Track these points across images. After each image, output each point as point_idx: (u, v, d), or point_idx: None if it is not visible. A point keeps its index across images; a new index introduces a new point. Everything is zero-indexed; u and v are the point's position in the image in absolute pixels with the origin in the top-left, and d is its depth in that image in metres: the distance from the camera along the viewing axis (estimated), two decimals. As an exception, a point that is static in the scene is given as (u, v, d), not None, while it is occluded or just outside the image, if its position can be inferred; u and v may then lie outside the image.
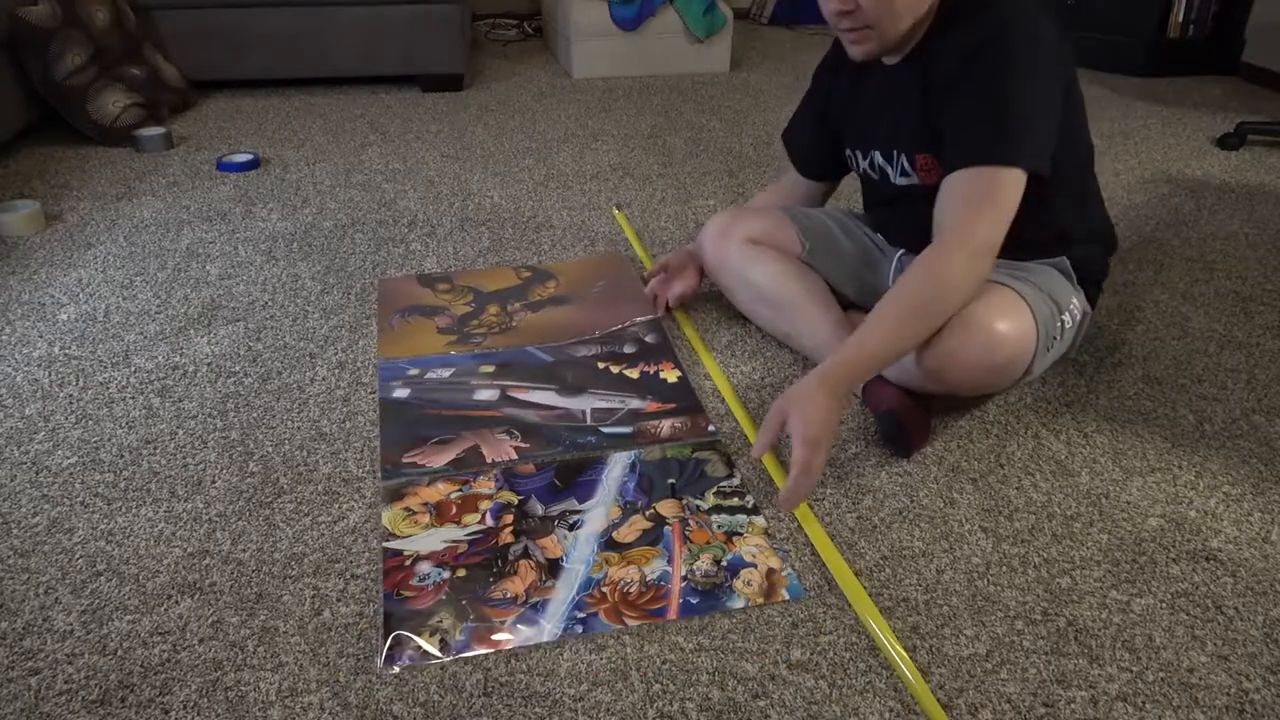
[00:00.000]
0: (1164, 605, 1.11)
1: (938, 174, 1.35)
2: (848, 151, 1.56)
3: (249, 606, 1.09)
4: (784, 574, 1.13)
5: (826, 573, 1.14)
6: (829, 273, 1.61)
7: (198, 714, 0.95)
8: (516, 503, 1.24)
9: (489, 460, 1.33)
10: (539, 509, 1.23)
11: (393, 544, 1.17)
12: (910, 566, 1.16)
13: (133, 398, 1.49)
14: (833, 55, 1.55)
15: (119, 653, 1.02)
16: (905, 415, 1.35)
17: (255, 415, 1.44)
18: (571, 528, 1.20)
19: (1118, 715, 0.97)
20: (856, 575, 1.14)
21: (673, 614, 1.07)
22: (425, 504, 1.24)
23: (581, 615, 1.07)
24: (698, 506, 1.24)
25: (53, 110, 2.65)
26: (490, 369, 1.55)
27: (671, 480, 1.29)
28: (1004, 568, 1.16)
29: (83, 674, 1.00)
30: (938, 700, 0.98)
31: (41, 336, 1.67)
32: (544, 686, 0.99)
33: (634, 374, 1.55)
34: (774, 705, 0.97)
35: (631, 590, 1.10)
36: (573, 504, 1.24)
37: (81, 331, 1.69)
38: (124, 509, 1.24)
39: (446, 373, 1.53)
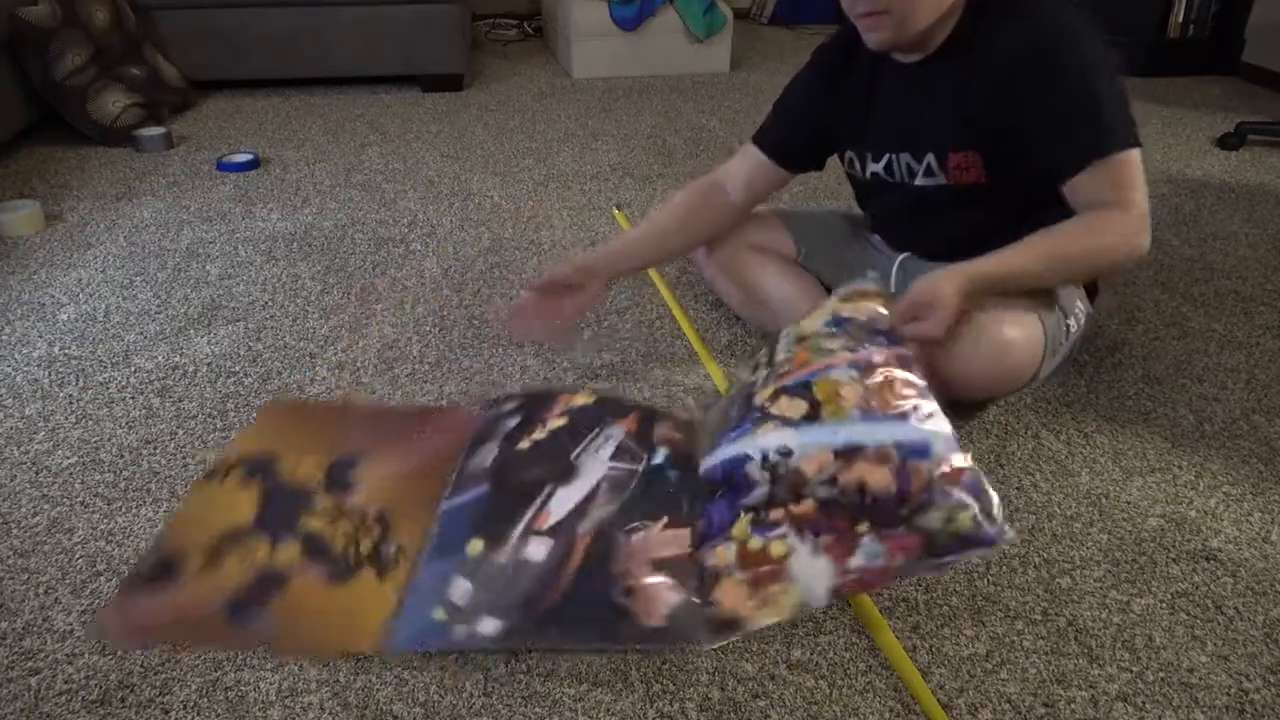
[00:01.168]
0: (1164, 605, 1.11)
1: (978, 171, 1.33)
2: (848, 154, 1.51)
3: (249, 606, 1.08)
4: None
5: (826, 573, 1.14)
6: (825, 276, 1.60)
7: (198, 714, 0.95)
8: None
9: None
10: None
11: None
12: (910, 566, 1.16)
13: (133, 398, 1.49)
14: (838, 58, 1.47)
15: (119, 653, 1.02)
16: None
17: (255, 415, 1.44)
18: None
19: (1118, 715, 0.97)
20: (856, 575, 1.14)
21: None
22: None
23: None
24: None
25: (53, 110, 2.65)
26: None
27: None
28: (1004, 568, 1.16)
29: (83, 674, 0.99)
30: (938, 700, 0.98)
31: (41, 336, 1.67)
32: (544, 686, 0.99)
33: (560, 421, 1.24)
34: (774, 705, 0.97)
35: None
36: None
37: (81, 331, 1.69)
38: (124, 509, 1.24)
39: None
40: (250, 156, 2.54)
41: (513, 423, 1.26)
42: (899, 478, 0.98)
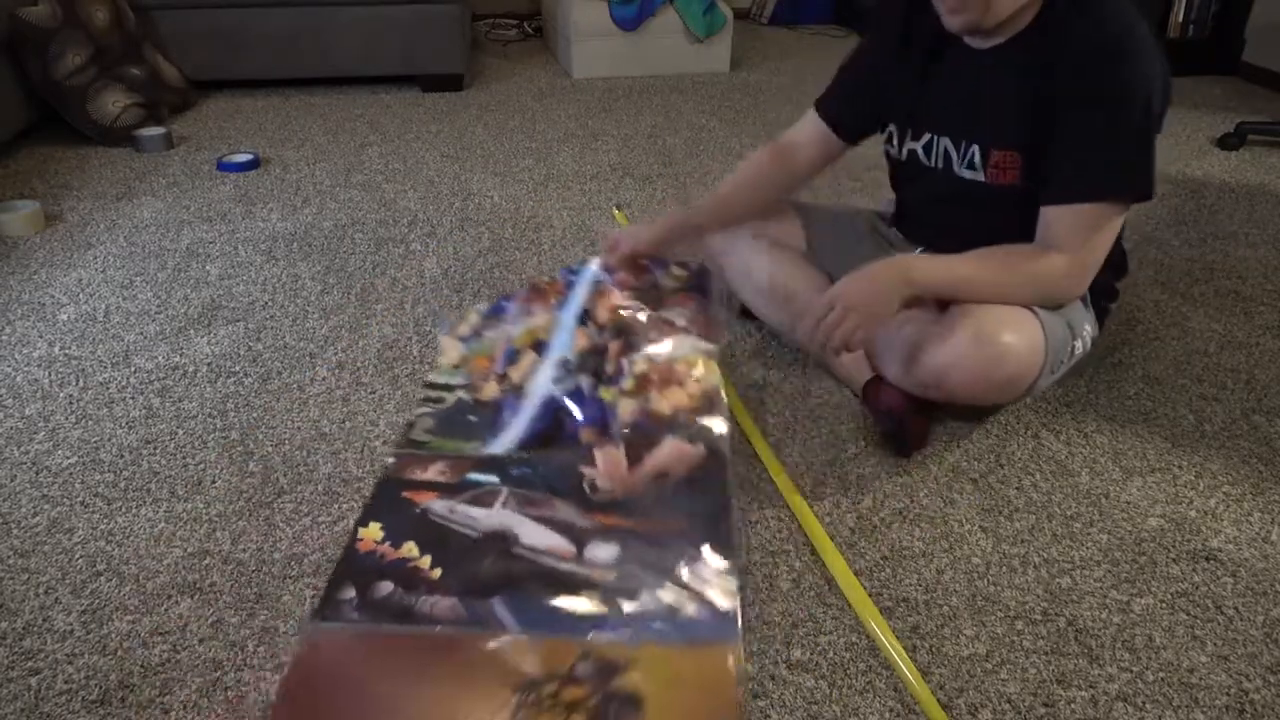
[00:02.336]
0: (1164, 605, 1.11)
1: (1014, 174, 1.31)
2: (890, 128, 1.48)
3: (249, 606, 1.09)
4: None
5: (826, 573, 1.14)
6: (834, 271, 1.58)
7: (198, 714, 0.95)
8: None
9: None
10: None
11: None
12: (910, 566, 1.16)
13: (133, 398, 1.49)
14: (902, 27, 1.41)
15: (119, 653, 1.02)
16: (905, 415, 1.35)
17: (255, 415, 1.44)
18: None
19: (1118, 715, 0.97)
20: (856, 575, 1.14)
21: None
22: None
23: None
24: None
25: (53, 110, 2.65)
26: None
27: None
28: (1004, 568, 1.16)
29: (83, 674, 1.00)
30: (938, 700, 0.98)
31: (41, 336, 1.67)
32: (544, 686, 0.99)
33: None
34: (774, 705, 0.97)
35: None
36: None
37: (81, 331, 1.69)
38: (124, 509, 1.24)
39: None
40: (250, 156, 2.54)
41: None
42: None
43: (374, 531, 1.20)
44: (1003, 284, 1.28)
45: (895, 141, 1.48)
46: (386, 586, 1.13)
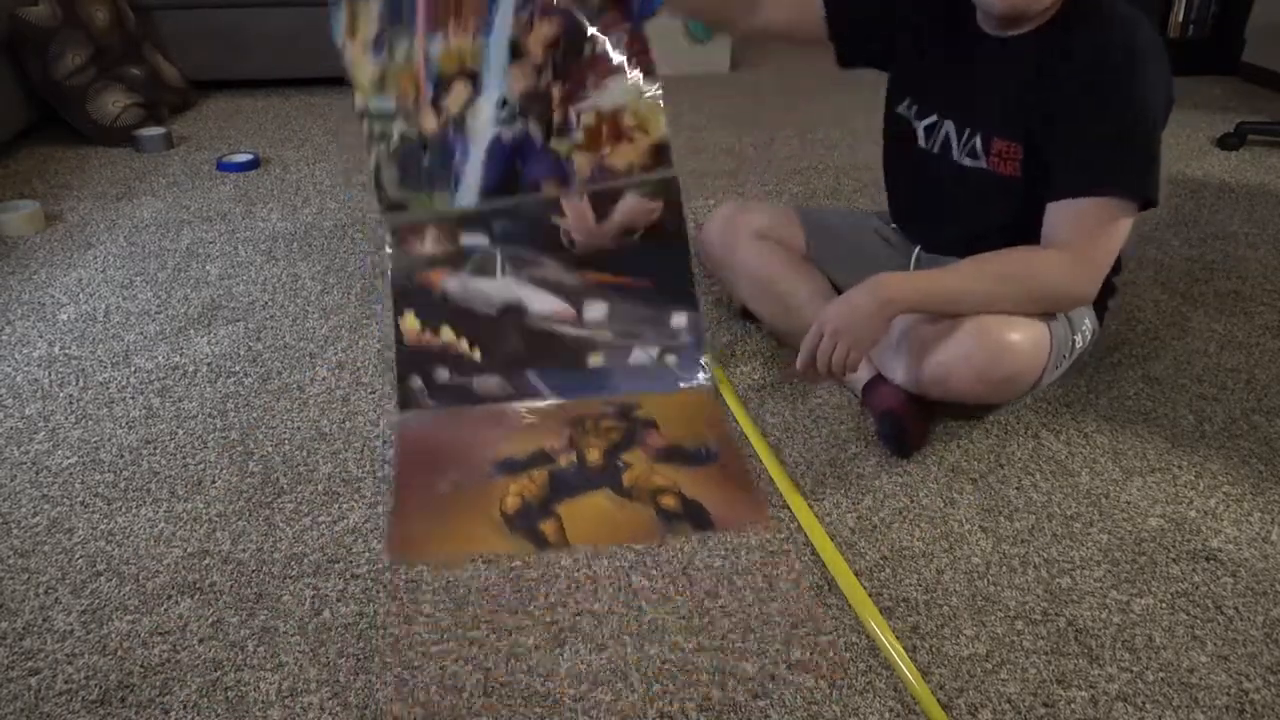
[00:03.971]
0: (1164, 605, 1.11)
1: (1014, 165, 1.31)
2: (906, 102, 1.47)
3: (249, 606, 1.09)
4: None
5: (826, 573, 1.14)
6: (833, 272, 1.58)
7: (198, 714, 0.95)
8: None
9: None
10: None
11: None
12: (910, 566, 1.16)
13: (133, 398, 1.49)
14: (940, 4, 1.40)
15: (119, 653, 1.02)
16: (904, 415, 1.35)
17: (255, 415, 1.44)
18: None
19: (1118, 715, 0.97)
20: (856, 575, 1.14)
21: None
22: None
23: None
24: None
25: (53, 110, 2.65)
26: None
27: None
28: (1004, 568, 1.16)
29: (83, 674, 1.00)
30: (938, 700, 0.98)
31: (41, 336, 1.67)
32: (544, 686, 0.99)
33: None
34: (774, 705, 0.97)
35: None
36: None
37: (81, 331, 1.69)
38: (124, 509, 1.24)
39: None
40: (250, 156, 2.54)
41: None
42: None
43: (412, 321, 1.47)
44: (998, 294, 1.26)
45: (908, 119, 1.46)
46: (444, 373, 1.47)
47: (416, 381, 1.46)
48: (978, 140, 1.35)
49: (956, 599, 1.11)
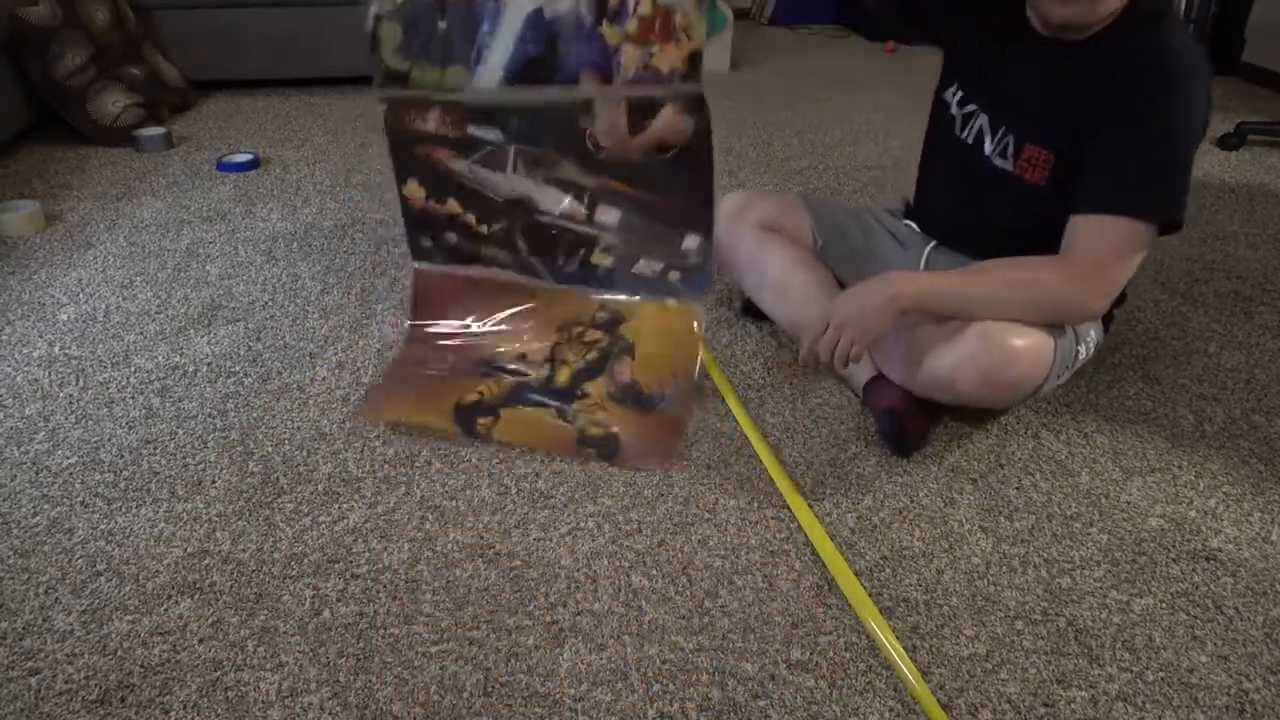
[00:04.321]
0: (1164, 605, 1.11)
1: (1042, 173, 1.30)
2: (954, 87, 1.44)
3: (249, 606, 1.09)
4: None
5: (826, 573, 1.14)
6: (840, 268, 1.57)
7: (198, 714, 0.95)
8: None
9: None
10: None
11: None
12: (910, 566, 1.16)
13: (133, 398, 1.49)
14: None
15: (119, 653, 1.02)
16: (905, 415, 1.35)
17: (255, 415, 1.44)
18: None
19: (1118, 715, 0.97)
20: (856, 575, 1.14)
21: None
22: None
23: None
24: None
25: (53, 110, 2.65)
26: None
27: None
28: (1004, 568, 1.16)
29: (83, 674, 1.00)
30: (938, 700, 0.98)
31: (41, 336, 1.67)
32: (544, 686, 0.99)
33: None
34: (774, 705, 0.97)
35: None
36: None
37: (81, 331, 1.69)
38: (124, 509, 1.24)
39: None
40: (250, 156, 2.54)
41: None
42: None
43: (415, 189, 1.44)
44: (1007, 301, 1.25)
45: (951, 105, 1.45)
46: (452, 237, 1.48)
47: (426, 241, 1.48)
48: (1010, 142, 1.35)
49: (956, 599, 1.11)
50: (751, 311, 1.73)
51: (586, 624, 1.07)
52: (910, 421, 1.35)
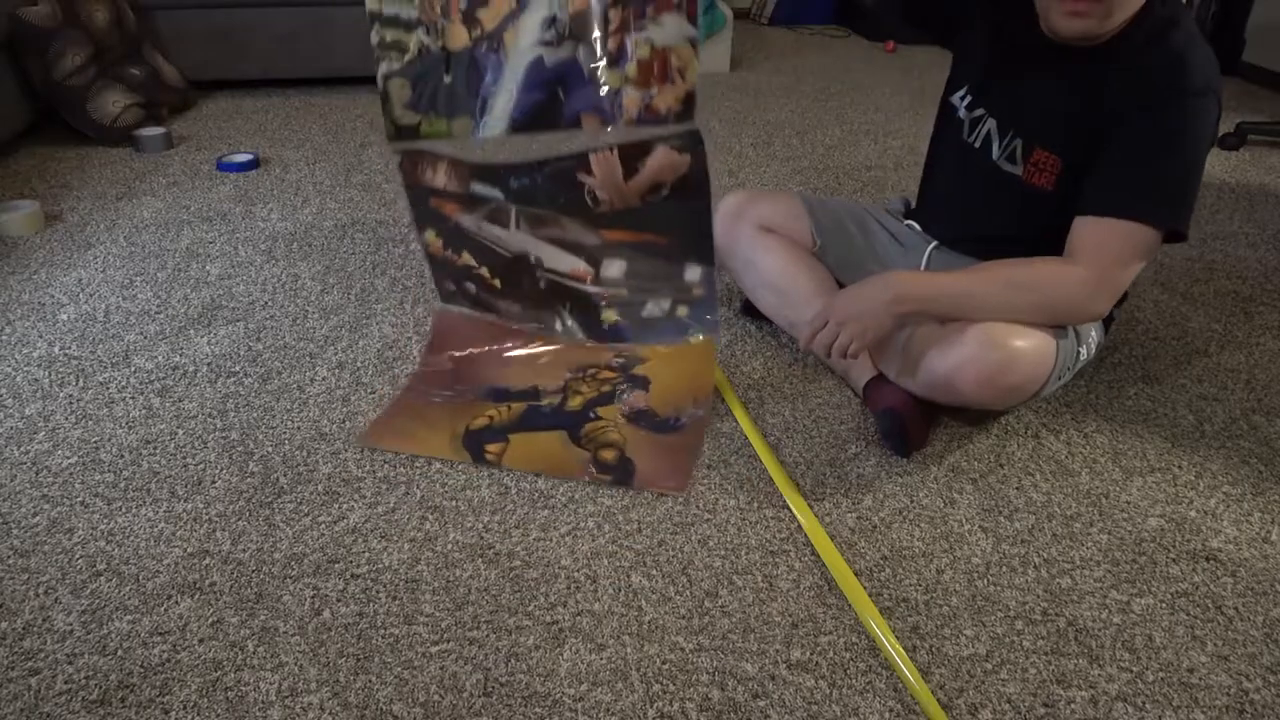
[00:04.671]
0: (1164, 605, 1.11)
1: (1050, 178, 1.31)
2: (962, 91, 1.44)
3: (249, 606, 1.09)
4: None
5: (826, 573, 1.14)
6: (839, 268, 1.57)
7: (198, 714, 0.95)
8: None
9: None
10: None
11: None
12: (910, 566, 1.16)
13: (133, 398, 1.49)
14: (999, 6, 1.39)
15: (119, 653, 1.02)
16: (905, 414, 1.35)
17: (255, 415, 1.44)
18: None
19: (1118, 715, 0.97)
20: (856, 575, 1.14)
21: None
22: None
23: None
24: None
25: (53, 110, 2.65)
26: None
27: None
28: (1004, 568, 1.16)
29: (83, 674, 1.00)
30: (938, 700, 0.98)
31: (41, 336, 1.67)
32: (544, 686, 0.99)
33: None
34: (774, 705, 0.97)
35: None
36: None
37: (81, 331, 1.69)
38: (124, 509, 1.24)
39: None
40: (250, 156, 2.54)
41: None
42: None
43: (433, 238, 1.48)
44: (1009, 302, 1.25)
45: (958, 109, 1.45)
46: (472, 287, 1.52)
47: (450, 286, 1.51)
48: (1019, 146, 1.34)
49: (956, 599, 1.11)
50: (751, 311, 1.73)
51: (586, 624, 1.07)
52: (910, 421, 1.35)
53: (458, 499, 1.27)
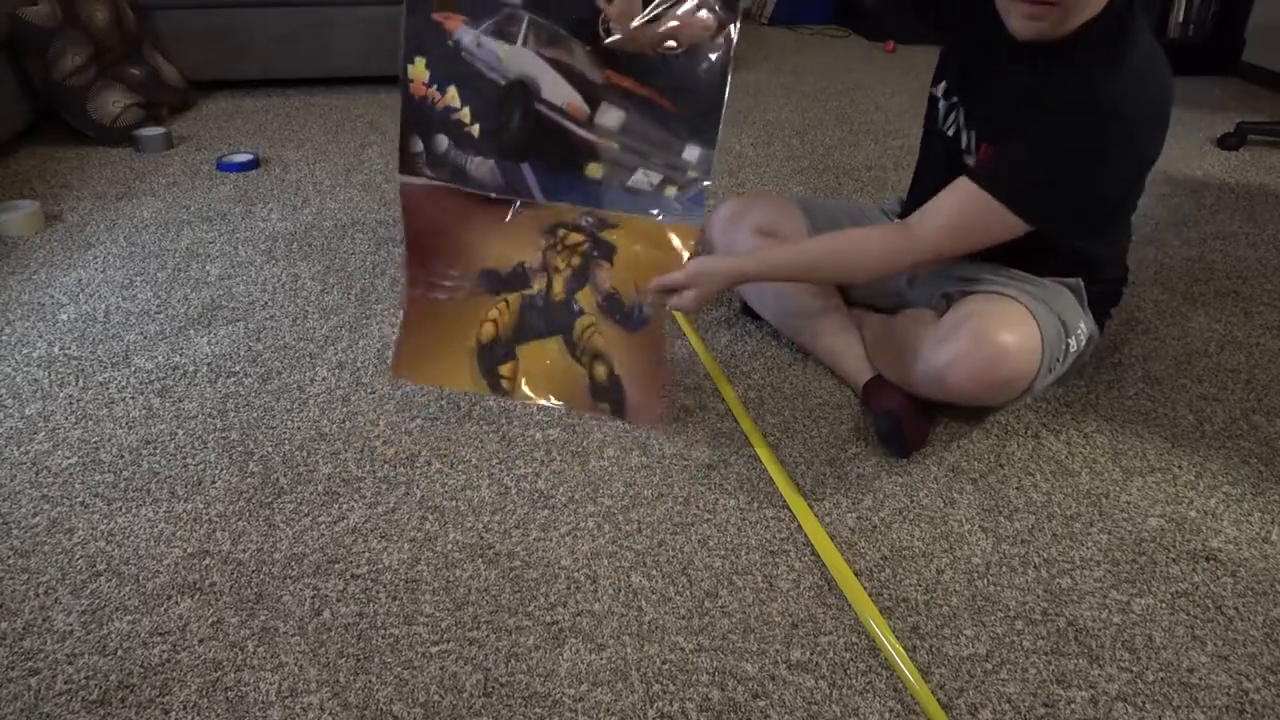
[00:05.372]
0: (1164, 605, 1.11)
1: None
2: (943, 83, 1.45)
3: (249, 606, 1.09)
4: None
5: (826, 573, 1.14)
6: None
7: (198, 714, 0.95)
8: None
9: None
10: None
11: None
12: (910, 566, 1.16)
13: (133, 398, 1.49)
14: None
15: (119, 653, 1.02)
16: (904, 415, 1.35)
17: (255, 415, 1.44)
18: None
19: (1118, 715, 0.97)
20: (856, 575, 1.14)
21: None
22: None
23: None
24: None
25: (53, 110, 2.65)
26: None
27: None
28: (1004, 568, 1.16)
29: (83, 674, 1.00)
30: (938, 700, 0.98)
31: (41, 336, 1.67)
32: (544, 686, 0.99)
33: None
34: (774, 705, 0.97)
35: None
36: None
37: (81, 331, 1.69)
38: (124, 509, 1.24)
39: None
40: (250, 156, 2.54)
41: None
42: None
43: (420, 70, 1.45)
44: (815, 264, 1.38)
45: (939, 103, 1.46)
46: (443, 142, 1.44)
47: (418, 144, 1.45)
48: (972, 137, 1.36)
49: (956, 599, 1.11)
50: (751, 311, 1.73)
51: (586, 624, 1.07)
52: (909, 422, 1.35)
53: (458, 499, 1.27)
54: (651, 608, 1.09)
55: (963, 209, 1.26)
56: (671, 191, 1.38)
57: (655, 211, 1.38)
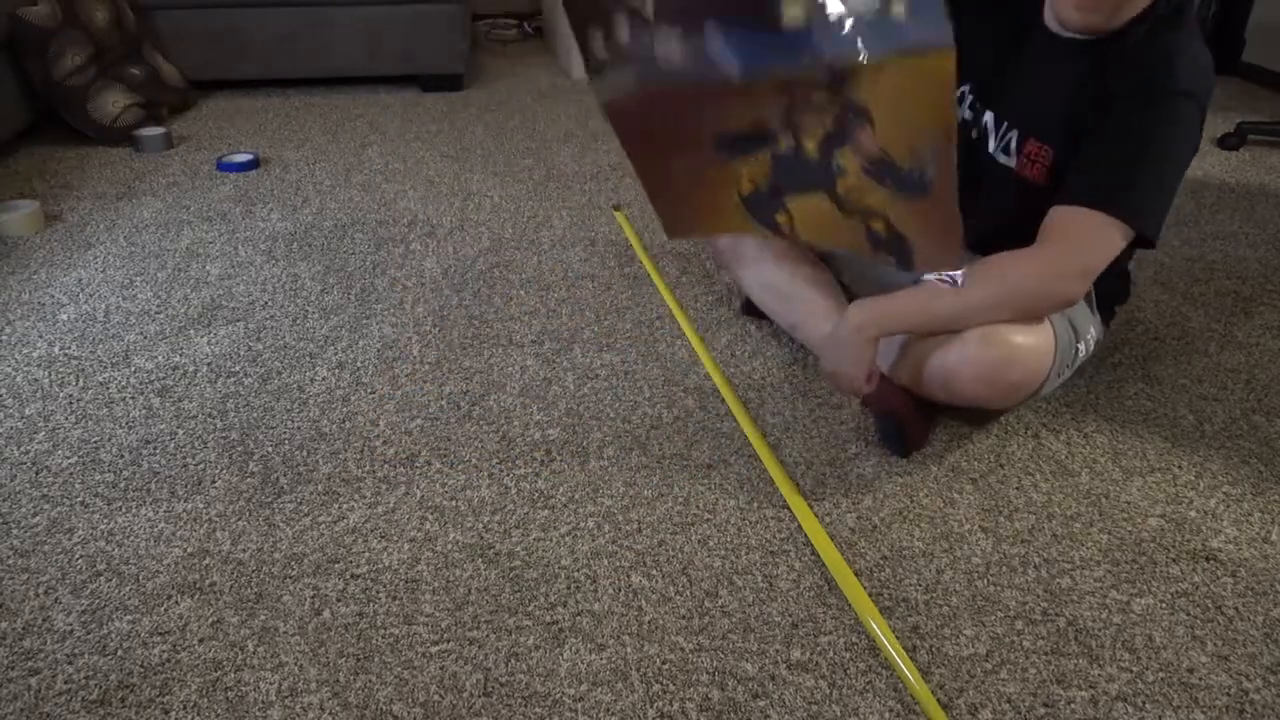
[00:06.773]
0: (1164, 605, 1.11)
1: (1041, 170, 1.31)
2: (963, 89, 1.42)
3: (249, 606, 1.09)
4: None
5: (826, 573, 1.14)
6: (843, 269, 1.58)
7: (198, 714, 0.95)
8: None
9: None
10: None
11: None
12: (910, 566, 1.16)
13: (133, 398, 1.49)
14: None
15: (119, 653, 1.02)
16: (905, 415, 1.35)
17: (255, 415, 1.45)
18: None
19: (1118, 715, 0.97)
20: (856, 575, 1.14)
21: None
22: None
23: None
24: None
25: (53, 110, 2.65)
26: None
27: None
28: (1004, 568, 1.16)
29: (83, 674, 1.00)
30: (938, 700, 0.98)
31: (41, 336, 1.67)
32: (544, 686, 0.99)
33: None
34: (774, 705, 0.97)
35: None
36: None
37: (81, 331, 1.69)
38: (124, 509, 1.24)
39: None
40: (250, 156, 2.54)
41: None
42: None
43: None
44: (973, 302, 1.24)
45: (961, 95, 1.43)
46: (623, 26, 1.24)
47: (598, 39, 1.28)
48: (1013, 138, 1.34)
49: (956, 599, 1.11)
50: (752, 311, 1.73)
51: (586, 624, 1.07)
52: (910, 422, 1.35)
53: (458, 499, 1.27)
54: (651, 608, 1.09)
55: (1068, 233, 1.22)
56: (900, 10, 1.08)
57: (888, 42, 1.09)
